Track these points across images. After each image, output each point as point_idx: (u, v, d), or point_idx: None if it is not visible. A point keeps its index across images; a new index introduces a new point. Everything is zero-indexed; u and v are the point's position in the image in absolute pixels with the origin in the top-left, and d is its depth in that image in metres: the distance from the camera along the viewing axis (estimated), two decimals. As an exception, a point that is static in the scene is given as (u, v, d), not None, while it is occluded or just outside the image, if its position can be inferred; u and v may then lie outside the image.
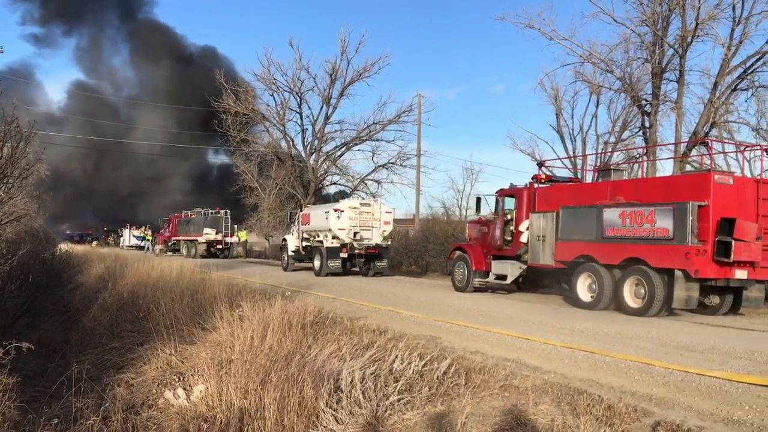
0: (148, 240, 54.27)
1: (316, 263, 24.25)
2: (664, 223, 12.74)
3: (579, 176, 24.01)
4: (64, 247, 20.56)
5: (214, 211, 42.38)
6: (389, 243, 25.09)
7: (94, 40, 73.64)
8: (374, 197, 33.33)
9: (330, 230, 23.49)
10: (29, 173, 9.33)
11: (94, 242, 57.90)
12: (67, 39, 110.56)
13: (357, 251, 23.53)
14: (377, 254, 24.02)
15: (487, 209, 18.00)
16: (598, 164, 25.59)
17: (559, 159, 28.21)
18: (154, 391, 7.57)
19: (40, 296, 11.94)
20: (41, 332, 11.53)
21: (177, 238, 45.18)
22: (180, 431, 6.34)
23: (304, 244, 26.01)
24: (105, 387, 7.60)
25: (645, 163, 22.46)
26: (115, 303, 13.11)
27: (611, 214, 13.83)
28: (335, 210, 23.60)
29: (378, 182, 37.57)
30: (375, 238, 23.91)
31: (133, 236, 58.26)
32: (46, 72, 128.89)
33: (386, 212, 24.60)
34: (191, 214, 44.72)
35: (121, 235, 60.59)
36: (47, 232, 20.36)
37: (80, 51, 74.70)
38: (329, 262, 23.31)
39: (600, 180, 16.13)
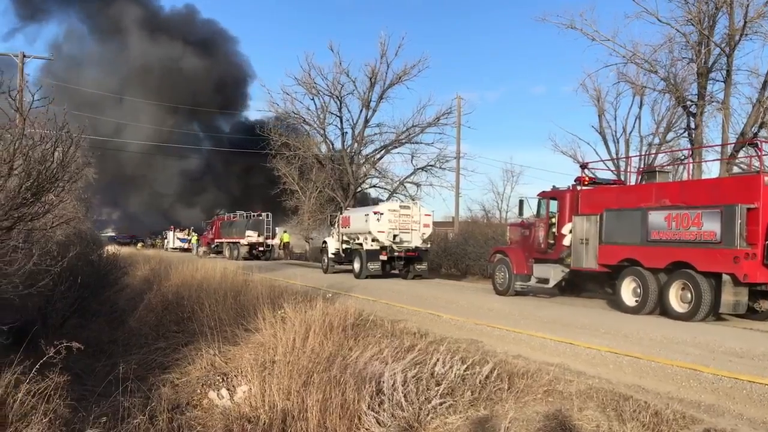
0: (195, 242, 55.35)
1: (356, 265, 24.33)
2: (712, 226, 12.45)
3: (623, 178, 23.62)
4: (110, 249, 21.04)
5: (255, 214, 42.99)
6: (428, 246, 25.04)
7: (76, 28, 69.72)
8: (413, 200, 33.32)
9: (370, 233, 23.54)
10: (78, 177, 9.55)
11: (140, 244, 59.13)
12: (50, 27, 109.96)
13: (396, 254, 23.52)
14: (417, 257, 23.95)
15: (530, 211, 17.83)
16: (642, 166, 25.21)
17: (602, 161, 27.91)
18: (199, 391, 7.68)
19: (88, 297, 12.17)
20: (89, 332, 11.76)
21: (220, 240, 46.23)
22: (224, 431, 6.42)
23: (344, 246, 26.10)
24: (151, 386, 7.73)
25: (691, 165, 22.02)
26: (160, 304, 13.36)
27: (656, 217, 13.58)
28: (375, 213, 23.64)
29: (417, 185, 37.65)
30: (414, 240, 23.88)
31: (177, 238, 59.44)
32: (39, 64, 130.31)
33: (425, 215, 24.55)
34: (233, 217, 45.55)
35: (165, 238, 61.82)
36: (94, 235, 20.83)
37: (60, 40, 69.73)
38: (369, 264, 23.36)
39: (644, 182, 15.86)
